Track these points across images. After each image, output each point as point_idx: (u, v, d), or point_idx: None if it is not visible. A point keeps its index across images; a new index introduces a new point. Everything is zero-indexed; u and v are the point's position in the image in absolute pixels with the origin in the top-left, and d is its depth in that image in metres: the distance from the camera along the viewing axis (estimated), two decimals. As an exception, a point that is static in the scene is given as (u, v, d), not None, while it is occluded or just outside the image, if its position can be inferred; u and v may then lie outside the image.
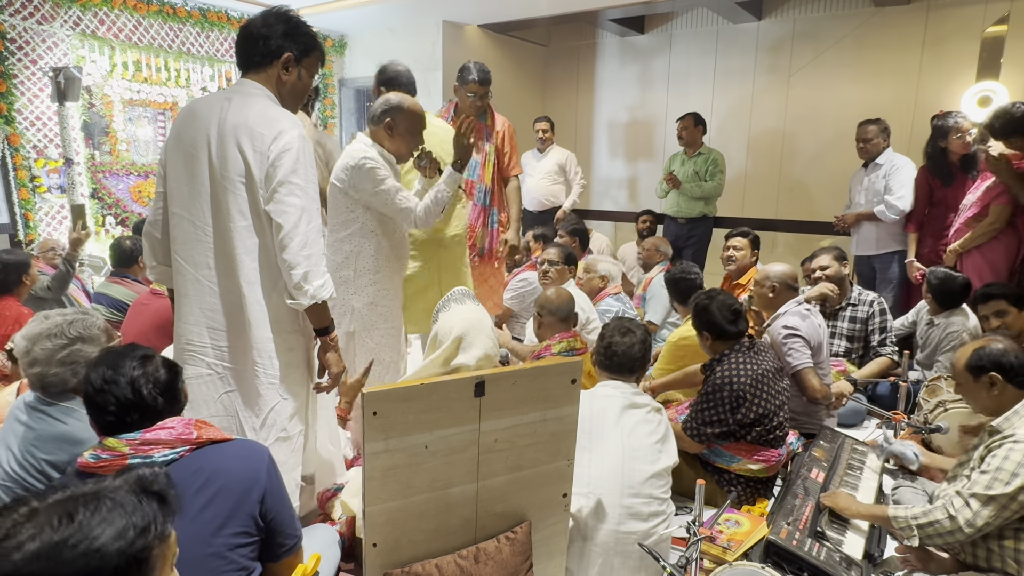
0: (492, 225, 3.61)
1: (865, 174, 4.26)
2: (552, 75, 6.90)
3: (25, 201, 4.51)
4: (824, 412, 2.95)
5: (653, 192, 5.56)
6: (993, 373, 1.87)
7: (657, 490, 1.97)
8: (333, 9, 5.40)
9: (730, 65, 5.83)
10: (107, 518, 0.86)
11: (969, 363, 1.93)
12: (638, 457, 1.95)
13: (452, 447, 1.50)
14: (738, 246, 3.85)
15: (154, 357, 1.42)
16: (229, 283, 1.82)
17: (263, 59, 1.84)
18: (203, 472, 1.32)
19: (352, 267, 2.56)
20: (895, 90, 5.10)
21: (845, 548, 2.00)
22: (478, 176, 3.59)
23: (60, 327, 1.78)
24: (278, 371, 1.87)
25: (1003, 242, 3.42)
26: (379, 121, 2.52)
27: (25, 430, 1.70)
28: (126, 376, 1.34)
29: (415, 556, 1.52)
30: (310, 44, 1.90)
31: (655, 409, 2.09)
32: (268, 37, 1.82)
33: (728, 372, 2.41)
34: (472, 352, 1.93)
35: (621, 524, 1.89)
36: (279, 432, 1.89)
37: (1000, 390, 1.87)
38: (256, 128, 1.74)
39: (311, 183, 1.79)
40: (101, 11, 4.70)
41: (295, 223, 1.74)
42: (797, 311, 2.94)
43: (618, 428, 1.98)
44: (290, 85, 1.89)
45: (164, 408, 1.38)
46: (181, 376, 1.46)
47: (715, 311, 2.51)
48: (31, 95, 4.47)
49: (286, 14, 1.87)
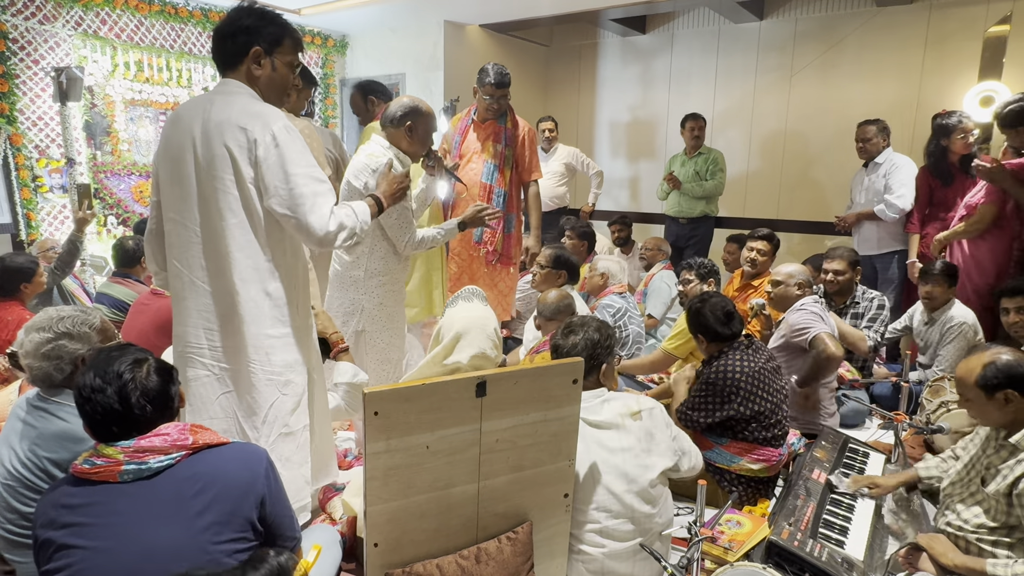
0: (509, 230, 3.58)
1: (865, 174, 4.26)
2: (554, 75, 6.90)
3: (27, 201, 4.52)
4: (825, 413, 2.96)
5: (654, 192, 5.56)
6: (1010, 390, 1.78)
7: (642, 505, 1.83)
8: (334, 9, 5.40)
9: (732, 65, 5.83)
10: None
11: (982, 380, 1.81)
12: (611, 479, 1.81)
13: (453, 447, 1.50)
14: (762, 249, 3.74)
15: (145, 361, 1.36)
16: (222, 283, 1.81)
17: (235, 57, 1.81)
18: (199, 478, 1.31)
19: (363, 267, 2.59)
20: (897, 90, 5.09)
21: (847, 549, 1.99)
22: (496, 180, 3.56)
23: (50, 321, 1.78)
24: (276, 367, 1.86)
25: (994, 241, 3.41)
26: (399, 123, 2.56)
27: (28, 428, 1.70)
28: (114, 385, 1.30)
29: (416, 556, 1.52)
30: (277, 34, 1.81)
31: (630, 414, 1.88)
32: (235, 34, 1.79)
33: (725, 366, 2.43)
34: (467, 351, 1.93)
35: (604, 546, 1.81)
36: (281, 428, 1.88)
37: (1016, 405, 1.80)
38: (239, 124, 1.72)
39: (311, 166, 1.76)
40: (103, 11, 4.71)
41: (310, 208, 1.72)
42: (815, 308, 3.01)
43: (584, 443, 1.81)
44: (265, 78, 1.83)
45: (154, 416, 1.34)
46: (175, 381, 1.41)
47: (708, 314, 2.52)
48: (33, 95, 4.48)
49: (251, 8, 1.82)
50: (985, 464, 1.91)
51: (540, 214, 3.71)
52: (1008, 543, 1.80)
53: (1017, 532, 1.79)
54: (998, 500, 1.81)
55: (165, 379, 1.38)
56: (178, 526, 1.26)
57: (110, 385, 1.30)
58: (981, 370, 1.82)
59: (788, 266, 3.23)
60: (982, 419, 1.91)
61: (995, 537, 1.83)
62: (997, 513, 1.82)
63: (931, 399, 2.89)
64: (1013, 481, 1.76)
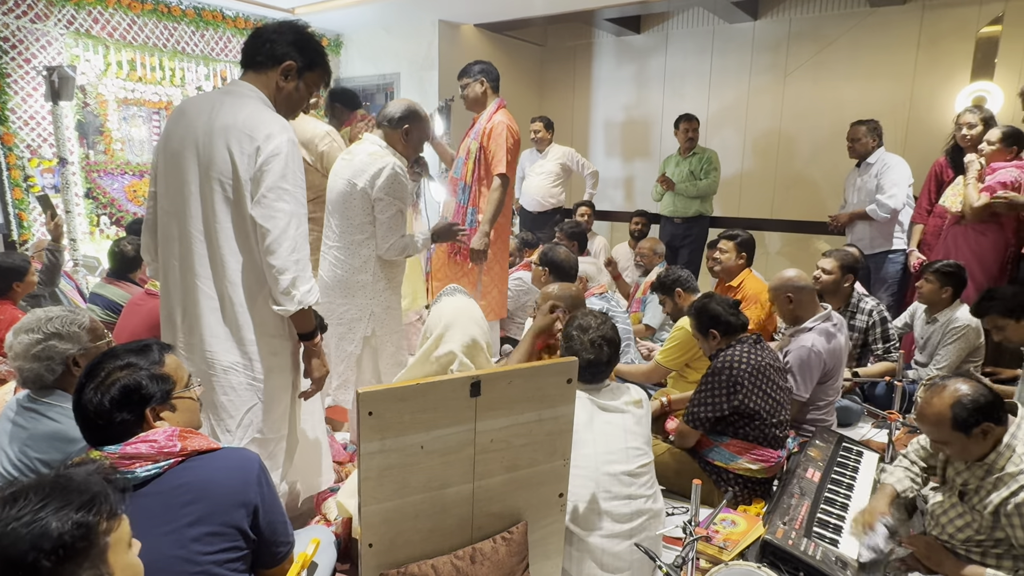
0: (470, 224, 3.49)
1: (858, 174, 4.28)
2: (548, 75, 6.90)
3: (19, 201, 4.49)
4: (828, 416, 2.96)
5: (649, 193, 5.56)
6: (986, 423, 1.75)
7: (639, 488, 1.93)
8: (329, 8, 5.39)
9: (726, 65, 5.84)
10: (50, 493, 0.89)
11: (957, 423, 1.76)
12: (613, 460, 1.91)
13: (448, 447, 1.49)
14: (723, 248, 3.74)
15: (134, 367, 1.34)
16: (210, 282, 1.81)
17: (265, 61, 1.85)
18: (189, 487, 1.27)
19: (371, 271, 2.54)
20: (890, 90, 5.11)
21: (841, 548, 2.00)
22: (461, 173, 3.53)
23: (39, 322, 1.77)
24: (260, 374, 1.86)
25: (996, 237, 3.43)
26: (397, 126, 2.56)
27: (19, 430, 1.69)
28: (89, 397, 1.28)
29: (411, 556, 1.51)
30: (316, 60, 1.91)
31: (633, 402, 2.01)
32: (275, 42, 1.85)
33: (730, 357, 2.43)
34: (458, 339, 1.92)
35: (603, 528, 1.87)
36: (255, 433, 1.87)
37: (994, 434, 1.78)
38: (245, 130, 1.73)
39: (300, 188, 1.79)
40: (95, 10, 4.68)
41: (284, 228, 1.73)
42: (824, 328, 2.86)
43: (591, 434, 1.92)
44: (287, 93, 1.89)
45: (131, 424, 1.31)
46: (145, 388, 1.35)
47: (716, 307, 2.54)
48: (25, 94, 4.45)
49: (301, 27, 1.91)
50: (960, 480, 1.89)
51: (494, 210, 3.42)
52: (997, 553, 1.81)
53: (1004, 544, 1.79)
54: (983, 517, 1.80)
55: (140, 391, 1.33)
56: (168, 537, 1.23)
57: (86, 395, 1.29)
58: (950, 412, 1.77)
59: (785, 274, 3.01)
60: (965, 457, 1.85)
61: (982, 549, 1.84)
62: (981, 527, 1.81)
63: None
64: (999, 503, 1.75)
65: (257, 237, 1.76)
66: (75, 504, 0.91)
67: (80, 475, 0.96)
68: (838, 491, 2.31)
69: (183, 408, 1.42)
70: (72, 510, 0.90)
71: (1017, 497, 1.72)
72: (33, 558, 0.85)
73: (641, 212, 5.42)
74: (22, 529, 0.85)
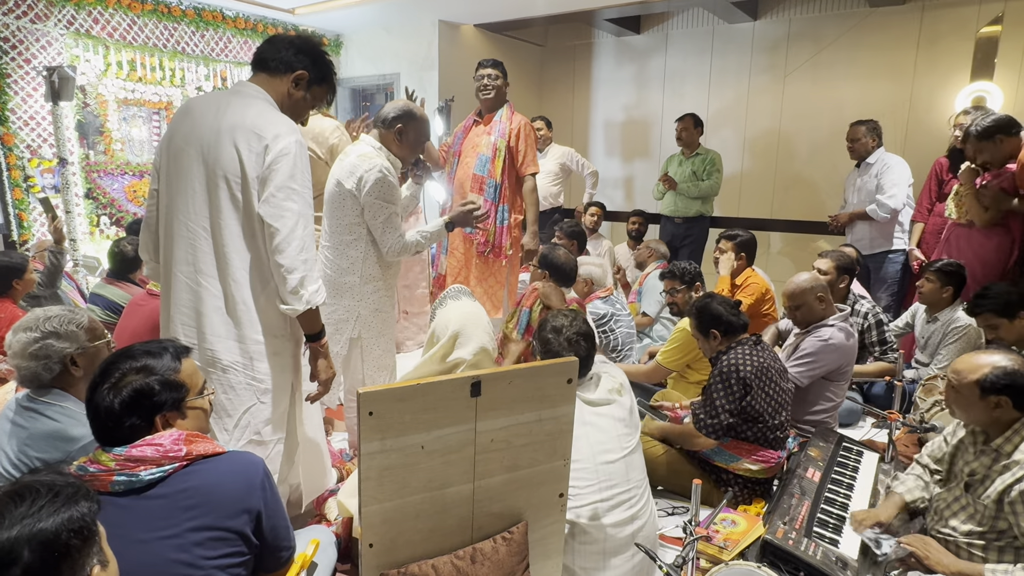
0: (502, 222, 3.57)
1: (858, 174, 4.28)
2: (548, 75, 6.90)
3: (19, 201, 4.49)
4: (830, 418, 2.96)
5: (649, 192, 5.56)
6: (1004, 397, 1.77)
7: (635, 472, 1.94)
8: (329, 9, 5.39)
9: (726, 65, 5.84)
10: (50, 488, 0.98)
11: (984, 381, 1.79)
12: (608, 450, 1.93)
13: (448, 447, 1.49)
14: (722, 248, 3.75)
15: (145, 369, 1.33)
16: (214, 281, 1.80)
17: (279, 66, 1.89)
18: (193, 491, 1.27)
19: (358, 273, 2.51)
20: (890, 90, 5.11)
21: (841, 548, 2.00)
22: (488, 172, 3.57)
23: (37, 321, 1.77)
24: (260, 374, 1.85)
25: (999, 238, 3.42)
26: (391, 126, 2.51)
27: (17, 429, 1.69)
28: (101, 397, 1.28)
29: (411, 556, 1.51)
30: (326, 76, 1.97)
31: (616, 389, 2.02)
32: (293, 50, 1.90)
33: (735, 360, 2.43)
34: (469, 347, 1.93)
35: (606, 517, 1.87)
36: (252, 435, 1.87)
37: (1003, 412, 1.80)
38: (254, 129, 1.74)
39: (307, 189, 1.80)
40: (95, 10, 4.68)
41: (292, 227, 1.74)
42: (844, 327, 2.90)
43: (584, 428, 1.93)
44: (295, 100, 1.93)
45: (139, 428, 1.30)
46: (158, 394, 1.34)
47: (717, 307, 2.54)
48: (25, 94, 4.45)
49: (317, 42, 1.97)
50: (967, 471, 1.90)
51: (537, 210, 3.66)
52: (999, 547, 1.80)
53: (1007, 536, 1.79)
54: (986, 506, 1.80)
55: (146, 394, 1.33)
56: (171, 541, 1.23)
57: (99, 395, 1.29)
58: (988, 370, 1.80)
59: (799, 277, 3.02)
60: (963, 414, 1.89)
61: (984, 542, 1.83)
62: (984, 518, 1.82)
63: (925, 398, 2.90)
64: (1003, 489, 1.76)
65: (265, 236, 1.76)
66: (77, 494, 1.00)
67: (50, 476, 1.03)
68: (838, 491, 2.31)
69: (194, 415, 1.41)
70: (76, 499, 0.99)
71: (1021, 484, 1.72)
72: (66, 538, 0.95)
73: (639, 212, 5.43)
74: (48, 517, 0.94)
